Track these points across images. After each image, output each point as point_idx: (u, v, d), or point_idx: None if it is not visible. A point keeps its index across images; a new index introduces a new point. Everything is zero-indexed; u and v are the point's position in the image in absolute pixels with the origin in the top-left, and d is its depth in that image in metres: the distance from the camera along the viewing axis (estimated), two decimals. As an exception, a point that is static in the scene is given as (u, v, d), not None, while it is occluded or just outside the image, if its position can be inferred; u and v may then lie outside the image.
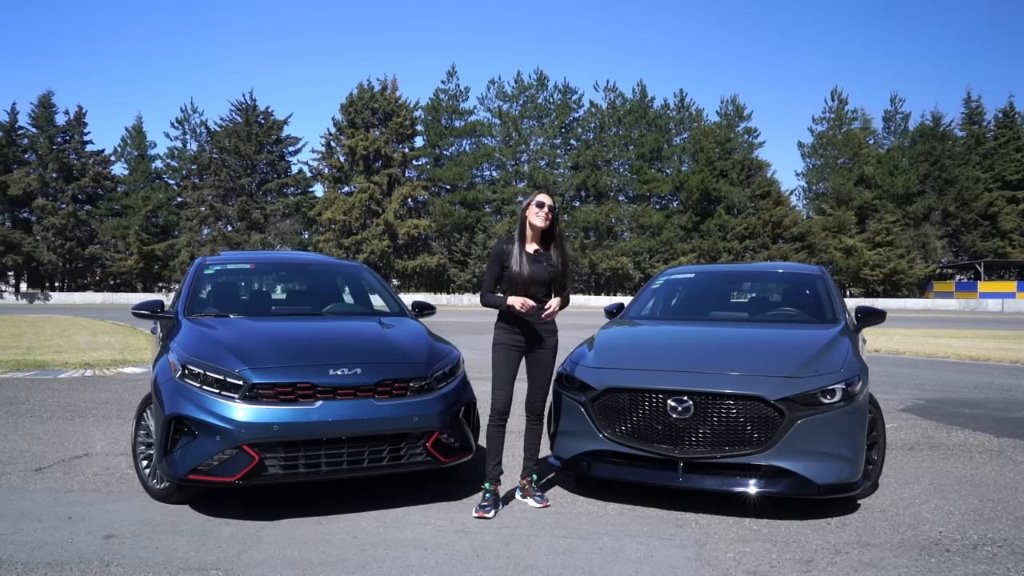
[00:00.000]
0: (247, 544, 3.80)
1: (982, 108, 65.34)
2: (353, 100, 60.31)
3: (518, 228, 4.55)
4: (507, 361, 4.49)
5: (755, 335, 5.37)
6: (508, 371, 4.49)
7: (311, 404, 4.18)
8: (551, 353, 4.59)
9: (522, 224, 4.52)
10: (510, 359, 4.50)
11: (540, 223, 4.45)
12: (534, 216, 4.44)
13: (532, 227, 4.48)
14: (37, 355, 13.05)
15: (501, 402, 4.46)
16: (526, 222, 4.50)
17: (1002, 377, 11.37)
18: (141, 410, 4.82)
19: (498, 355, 4.53)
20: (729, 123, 63.56)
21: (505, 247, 4.52)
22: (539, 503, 4.49)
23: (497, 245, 4.57)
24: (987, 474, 5.38)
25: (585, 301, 56.21)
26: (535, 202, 4.44)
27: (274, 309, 5.95)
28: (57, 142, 59.76)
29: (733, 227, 58.99)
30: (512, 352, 4.50)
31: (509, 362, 4.49)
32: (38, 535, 3.89)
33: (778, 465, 4.17)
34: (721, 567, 3.57)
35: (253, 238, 57.76)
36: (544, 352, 4.57)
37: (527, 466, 4.62)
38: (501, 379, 4.49)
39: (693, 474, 4.29)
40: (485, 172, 64.75)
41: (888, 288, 60.30)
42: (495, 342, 4.57)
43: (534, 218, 4.44)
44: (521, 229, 4.52)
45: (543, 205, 4.44)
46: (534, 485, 4.60)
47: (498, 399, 4.47)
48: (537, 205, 4.43)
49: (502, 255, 4.49)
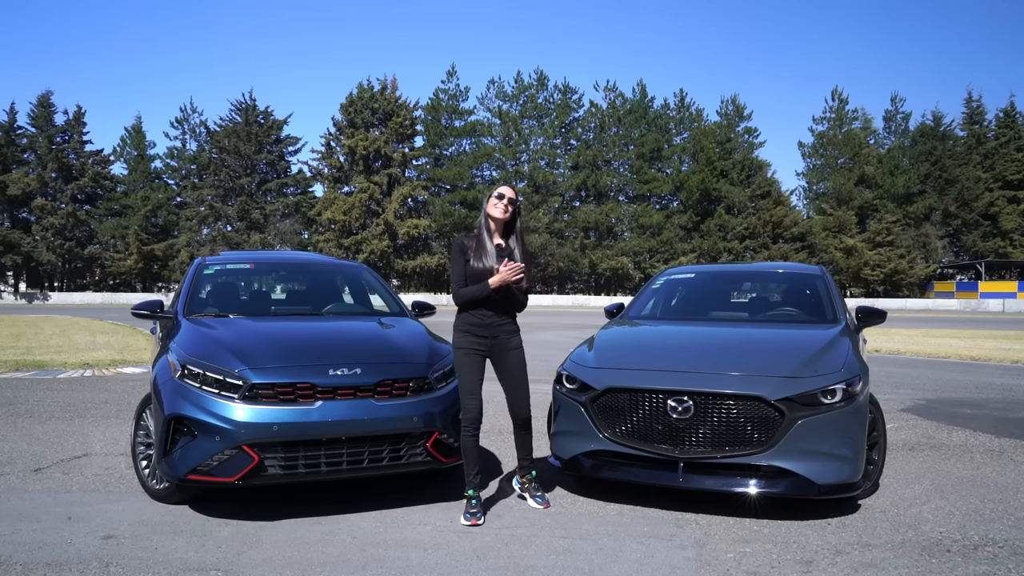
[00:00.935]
0: (247, 544, 3.80)
1: (983, 108, 65.42)
2: (353, 100, 60.30)
3: (482, 221, 4.44)
4: (471, 366, 4.31)
5: (755, 335, 5.37)
6: (474, 376, 4.31)
7: (311, 404, 4.17)
8: (519, 354, 4.45)
9: (484, 217, 4.43)
10: (473, 363, 4.32)
11: (499, 215, 4.34)
12: (493, 208, 4.35)
13: (493, 219, 4.38)
14: (36, 355, 13.04)
15: (474, 411, 4.28)
16: (488, 213, 4.40)
17: (1003, 377, 11.37)
18: (140, 410, 4.81)
19: (460, 360, 4.35)
20: (729, 123, 63.55)
21: (466, 241, 4.42)
22: (540, 503, 4.45)
23: (458, 240, 4.46)
24: (988, 474, 5.37)
25: (585, 301, 56.22)
26: (495, 194, 4.37)
27: (274, 309, 5.95)
28: (56, 142, 59.73)
29: (733, 227, 58.99)
30: (474, 356, 4.33)
31: (473, 367, 4.32)
32: (37, 535, 3.88)
33: (778, 465, 4.17)
34: (721, 567, 3.56)
35: (253, 238, 57.74)
36: (511, 354, 4.42)
37: (524, 465, 4.55)
38: (468, 386, 4.30)
39: (693, 474, 4.28)
40: (485, 172, 64.74)
41: (888, 288, 60.29)
42: (456, 345, 4.38)
43: (493, 209, 4.35)
44: (484, 222, 4.42)
45: (503, 197, 4.36)
46: (535, 484, 4.56)
47: (470, 408, 4.28)
48: (497, 197, 4.35)
49: (464, 248, 4.38)
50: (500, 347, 4.40)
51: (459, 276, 4.38)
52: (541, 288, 63.46)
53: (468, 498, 4.25)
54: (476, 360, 4.34)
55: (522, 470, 4.59)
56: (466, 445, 4.29)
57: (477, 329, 4.34)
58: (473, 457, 4.29)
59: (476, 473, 4.29)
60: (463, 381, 4.32)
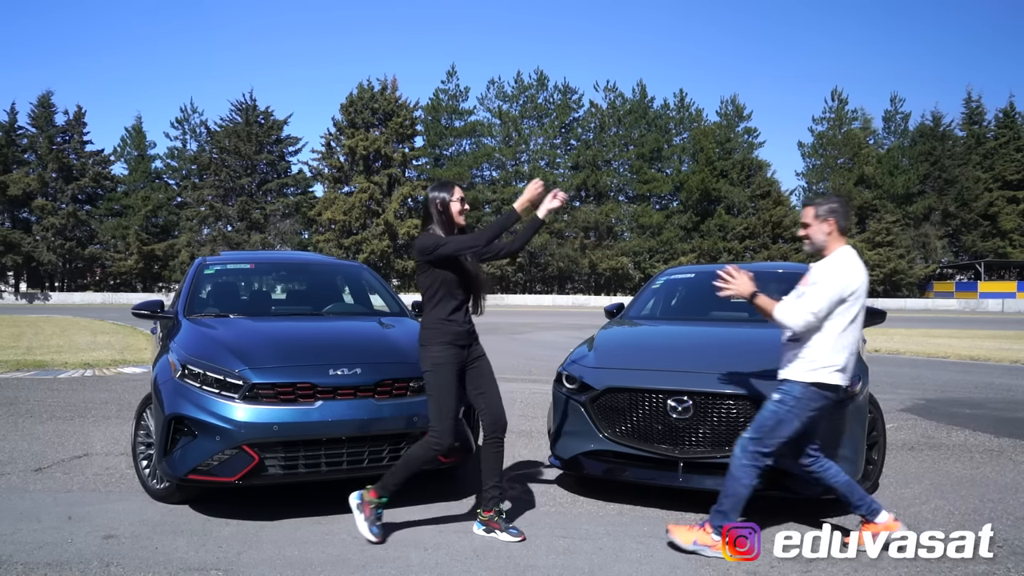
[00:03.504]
0: (247, 544, 3.80)
1: (982, 108, 65.36)
2: (353, 100, 60.26)
3: (442, 222, 3.99)
4: (452, 384, 3.88)
5: (755, 335, 5.37)
6: (455, 396, 3.89)
7: (311, 404, 4.18)
8: (487, 358, 4.13)
9: (449, 219, 4.00)
10: (455, 381, 3.90)
11: (462, 222, 4.05)
12: (458, 215, 4.01)
13: (457, 226, 4.03)
14: (37, 355, 13.05)
15: (450, 436, 3.87)
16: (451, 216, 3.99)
17: (1002, 377, 11.37)
18: (141, 410, 4.82)
19: (445, 379, 3.86)
20: (729, 123, 63.53)
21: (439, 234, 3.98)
22: (515, 536, 3.89)
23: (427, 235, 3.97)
24: (987, 474, 5.38)
25: (585, 301, 56.20)
26: (460, 198, 4.01)
27: (274, 309, 5.96)
28: (57, 142, 59.67)
29: (733, 227, 58.98)
30: (454, 371, 3.90)
31: (456, 385, 3.90)
32: (38, 535, 3.89)
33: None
34: (721, 567, 3.57)
35: (253, 238, 57.73)
36: (483, 360, 4.08)
37: (493, 494, 3.96)
38: (450, 408, 3.86)
39: (693, 474, 4.29)
40: (485, 172, 64.73)
41: (888, 288, 60.26)
42: (437, 363, 3.86)
43: (459, 217, 4.01)
44: (449, 224, 4.00)
45: (464, 201, 4.06)
46: (503, 517, 4.00)
47: (447, 432, 3.85)
48: (461, 202, 4.02)
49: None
50: (473, 354, 4.03)
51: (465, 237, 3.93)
52: (541, 288, 63.47)
53: (379, 505, 3.88)
54: (455, 376, 3.92)
55: (491, 501, 3.96)
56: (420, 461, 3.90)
57: (461, 339, 3.94)
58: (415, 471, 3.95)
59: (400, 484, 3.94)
60: (446, 403, 3.86)
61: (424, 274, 3.98)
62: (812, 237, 3.87)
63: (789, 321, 3.75)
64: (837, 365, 3.71)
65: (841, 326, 3.71)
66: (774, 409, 3.73)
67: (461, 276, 3.97)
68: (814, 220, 3.85)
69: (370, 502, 3.87)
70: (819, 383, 3.70)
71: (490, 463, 3.98)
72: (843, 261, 3.77)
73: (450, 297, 3.94)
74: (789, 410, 3.70)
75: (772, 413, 3.73)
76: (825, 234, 3.83)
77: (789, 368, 3.79)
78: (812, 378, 3.70)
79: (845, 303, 3.70)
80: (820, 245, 3.86)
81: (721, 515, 3.72)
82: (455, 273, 3.95)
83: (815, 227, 3.85)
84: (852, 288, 3.71)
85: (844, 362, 3.73)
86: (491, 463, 3.98)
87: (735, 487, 3.72)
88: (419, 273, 4.00)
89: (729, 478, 3.75)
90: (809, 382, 3.70)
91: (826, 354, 3.70)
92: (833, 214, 3.83)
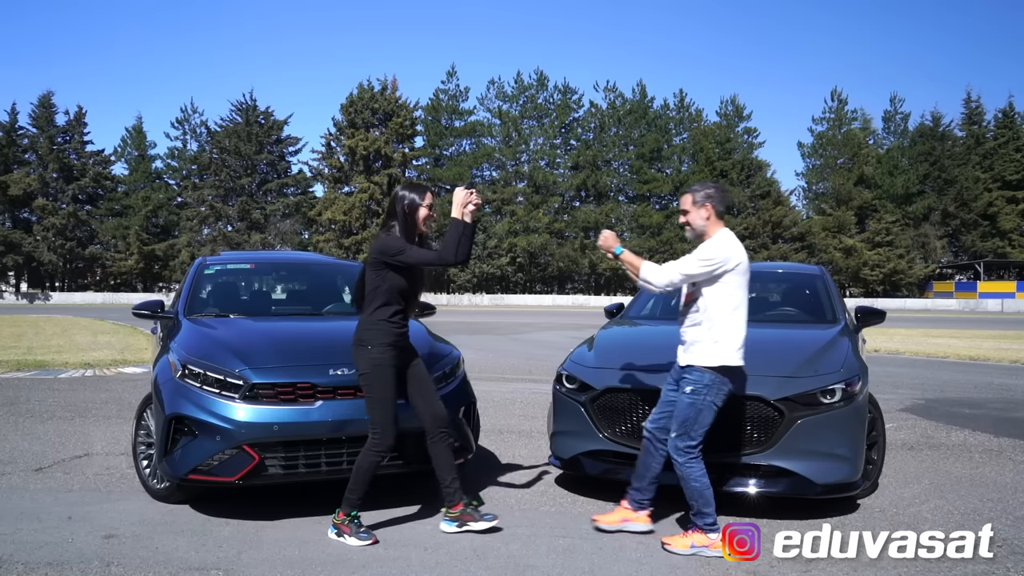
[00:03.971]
0: (247, 544, 3.81)
1: (982, 108, 65.33)
2: (353, 100, 60.26)
3: (405, 224, 3.96)
4: (392, 385, 3.90)
5: (755, 335, 5.34)
6: (394, 397, 3.92)
7: (311, 404, 4.18)
8: (420, 360, 4.15)
9: (413, 223, 3.99)
10: (393, 382, 3.92)
11: (424, 230, 4.03)
12: (422, 222, 3.99)
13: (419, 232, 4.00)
14: (37, 355, 13.05)
15: (391, 436, 3.88)
16: (416, 222, 3.98)
17: (1002, 377, 11.38)
18: (141, 410, 4.82)
19: (383, 379, 3.87)
20: (729, 123, 63.52)
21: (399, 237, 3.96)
22: (490, 521, 3.95)
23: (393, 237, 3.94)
24: (987, 474, 5.38)
25: (585, 301, 56.22)
26: (429, 204, 4.00)
27: (274, 309, 5.96)
28: (57, 142, 59.68)
29: (733, 227, 58.56)
30: (394, 372, 3.92)
31: (393, 386, 3.92)
32: (39, 535, 3.89)
33: (778, 465, 4.18)
34: (721, 567, 3.57)
35: (253, 238, 57.74)
36: (419, 361, 4.11)
37: (454, 487, 3.98)
38: (390, 408, 3.87)
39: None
40: (485, 172, 64.71)
41: (888, 288, 60.26)
42: (377, 364, 3.85)
43: (423, 224, 3.99)
44: (412, 227, 3.98)
45: (433, 209, 4.04)
46: (474, 505, 4.05)
47: (389, 433, 3.87)
48: (430, 208, 4.00)
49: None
50: (408, 356, 4.06)
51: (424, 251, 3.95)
52: (541, 288, 63.46)
53: (355, 518, 3.87)
54: (395, 378, 3.94)
55: (454, 495, 3.99)
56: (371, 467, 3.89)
57: (399, 340, 3.95)
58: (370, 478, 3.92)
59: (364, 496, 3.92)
60: (390, 404, 3.88)
61: (376, 273, 3.93)
62: (692, 223, 3.98)
63: (653, 279, 3.92)
64: (737, 344, 3.84)
65: (734, 303, 3.84)
66: (691, 402, 3.82)
67: (411, 284, 4.00)
68: (692, 206, 3.97)
69: (343, 521, 3.86)
70: (724, 366, 3.81)
71: (442, 459, 4.00)
72: (722, 239, 3.89)
73: (395, 301, 3.93)
74: (704, 398, 3.80)
75: (690, 406, 3.82)
76: (704, 219, 3.95)
77: (691, 353, 3.89)
78: (716, 362, 3.81)
79: (729, 275, 3.82)
80: (700, 230, 3.97)
81: (701, 516, 3.80)
82: (407, 280, 3.97)
83: (694, 213, 3.97)
84: (735, 261, 3.84)
85: (742, 342, 3.85)
86: (444, 459, 4.00)
87: (693, 487, 3.81)
88: (370, 269, 3.96)
89: (682, 482, 3.85)
90: (715, 366, 3.81)
91: (725, 335, 3.81)
92: (710, 199, 3.94)
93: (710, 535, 3.74)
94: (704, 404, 3.79)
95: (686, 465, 3.81)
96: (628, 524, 4.01)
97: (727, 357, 3.81)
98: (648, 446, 4.05)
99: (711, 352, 3.81)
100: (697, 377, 3.82)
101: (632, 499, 4.06)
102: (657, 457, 4.01)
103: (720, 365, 3.81)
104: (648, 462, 4.03)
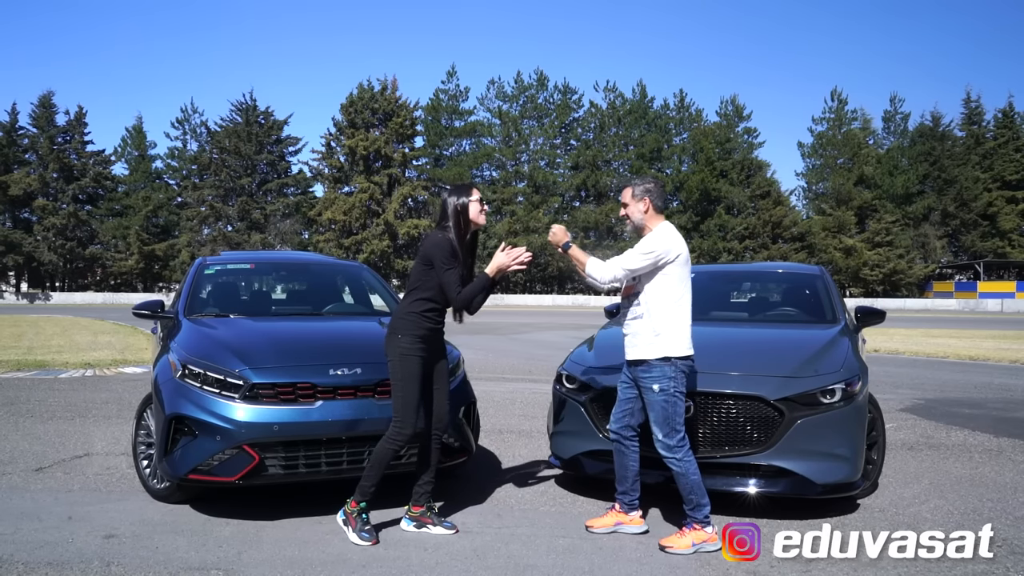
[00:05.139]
0: (247, 544, 3.81)
1: (982, 108, 65.30)
2: (353, 100, 60.24)
3: (458, 225, 4.03)
4: (418, 376, 3.96)
5: (755, 335, 5.38)
6: (420, 388, 3.97)
7: (311, 404, 4.19)
8: (446, 360, 4.23)
9: (466, 221, 4.06)
10: (422, 374, 3.99)
11: (483, 221, 4.11)
12: (478, 215, 4.06)
13: (475, 224, 4.09)
14: (38, 355, 13.05)
15: (413, 427, 3.94)
16: (468, 219, 4.05)
17: (1001, 377, 11.38)
18: (141, 410, 4.82)
19: (410, 370, 3.93)
20: (729, 123, 63.52)
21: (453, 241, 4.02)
22: (448, 528, 4.01)
23: (444, 239, 3.99)
24: (986, 474, 5.38)
25: (585, 301, 56.20)
26: (478, 199, 4.06)
27: (274, 309, 5.96)
28: (57, 142, 59.64)
29: (733, 227, 58.97)
30: (421, 364, 3.97)
31: (419, 377, 3.97)
32: (39, 535, 3.90)
33: (778, 465, 4.18)
34: (721, 567, 3.58)
35: (253, 238, 57.71)
36: (444, 361, 4.18)
37: (426, 490, 4.08)
38: (417, 400, 3.95)
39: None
40: (485, 172, 64.69)
41: (888, 288, 60.24)
42: (405, 353, 3.93)
43: (480, 217, 4.07)
44: (466, 226, 4.07)
45: (483, 201, 4.11)
46: (435, 511, 4.10)
47: (410, 423, 3.93)
48: (481, 202, 4.07)
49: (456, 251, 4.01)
50: (437, 354, 4.13)
51: (456, 279, 3.93)
52: (541, 288, 63.46)
53: (361, 511, 3.91)
54: (423, 370, 4.00)
55: (423, 496, 4.08)
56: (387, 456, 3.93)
57: (432, 335, 4.04)
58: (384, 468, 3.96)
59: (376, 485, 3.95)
60: (413, 394, 3.94)
61: (423, 270, 4.02)
62: (631, 216, 4.05)
63: (598, 274, 3.99)
64: (681, 335, 3.89)
65: (676, 295, 3.90)
66: (662, 399, 3.87)
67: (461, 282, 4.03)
68: (631, 200, 4.03)
69: (352, 512, 3.91)
70: (681, 356, 3.87)
71: (428, 460, 4.10)
72: (663, 232, 3.95)
73: (433, 298, 4.00)
74: (673, 392, 3.86)
75: (662, 403, 3.87)
76: (642, 212, 4.01)
77: (635, 348, 3.95)
78: (660, 353, 3.86)
79: (670, 266, 3.88)
80: (639, 224, 4.03)
81: (699, 508, 3.83)
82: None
83: (632, 207, 4.03)
84: (675, 252, 3.89)
85: (687, 332, 3.92)
86: (429, 460, 4.10)
87: (692, 480, 3.84)
88: (418, 264, 4.06)
89: (681, 479, 3.87)
90: (674, 356, 3.86)
91: (666, 327, 3.87)
92: (648, 193, 4.00)
93: (707, 529, 3.78)
94: (676, 395, 3.86)
95: (683, 461, 3.85)
96: (621, 527, 4.05)
97: (670, 348, 3.86)
98: (619, 447, 4.11)
99: (653, 345, 3.87)
100: (659, 372, 3.87)
101: (622, 502, 4.11)
102: (631, 455, 4.08)
103: (680, 356, 3.87)
104: (625, 462, 4.10)
